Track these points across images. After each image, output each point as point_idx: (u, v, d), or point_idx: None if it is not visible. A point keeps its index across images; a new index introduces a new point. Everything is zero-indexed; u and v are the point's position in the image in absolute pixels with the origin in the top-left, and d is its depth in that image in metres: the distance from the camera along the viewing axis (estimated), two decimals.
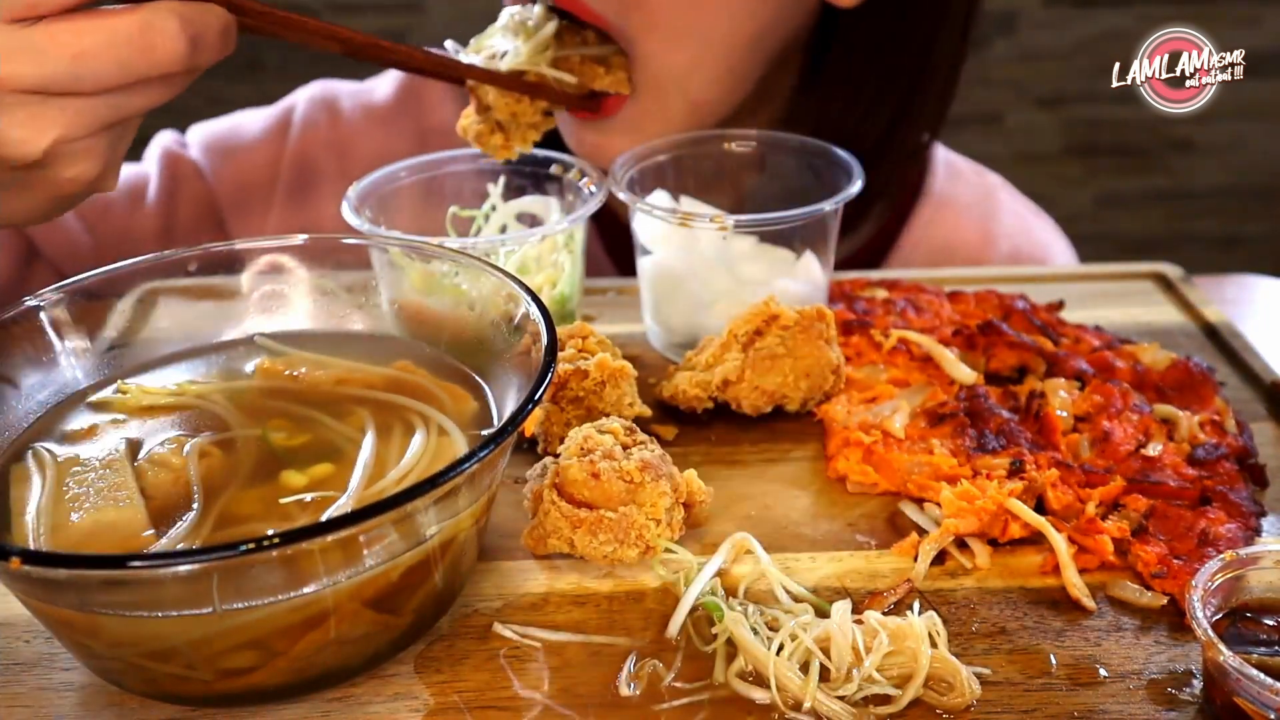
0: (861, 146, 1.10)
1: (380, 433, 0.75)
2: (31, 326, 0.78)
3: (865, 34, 1.21)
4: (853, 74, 1.23)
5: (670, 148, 1.10)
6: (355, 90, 1.39)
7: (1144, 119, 3.06)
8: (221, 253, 0.87)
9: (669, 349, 1.05)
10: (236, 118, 1.39)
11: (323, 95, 1.37)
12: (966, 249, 1.35)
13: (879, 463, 0.85)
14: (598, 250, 1.34)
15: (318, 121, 1.34)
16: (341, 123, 1.34)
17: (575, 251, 1.03)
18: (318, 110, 1.35)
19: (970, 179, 1.42)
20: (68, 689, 0.69)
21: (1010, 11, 3.13)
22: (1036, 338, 0.99)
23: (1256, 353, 1.03)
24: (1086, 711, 0.66)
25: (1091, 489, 0.82)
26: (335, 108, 1.35)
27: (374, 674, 0.69)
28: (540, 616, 0.73)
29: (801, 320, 0.91)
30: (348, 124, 1.34)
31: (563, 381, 0.85)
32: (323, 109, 1.35)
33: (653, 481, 0.74)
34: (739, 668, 0.68)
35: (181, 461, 0.72)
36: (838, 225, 1.04)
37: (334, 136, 1.34)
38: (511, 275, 0.79)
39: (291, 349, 0.85)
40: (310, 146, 1.34)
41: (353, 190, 1.02)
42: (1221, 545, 0.76)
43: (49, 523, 0.67)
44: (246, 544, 0.56)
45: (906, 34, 1.22)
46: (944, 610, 0.73)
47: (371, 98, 1.37)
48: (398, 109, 1.36)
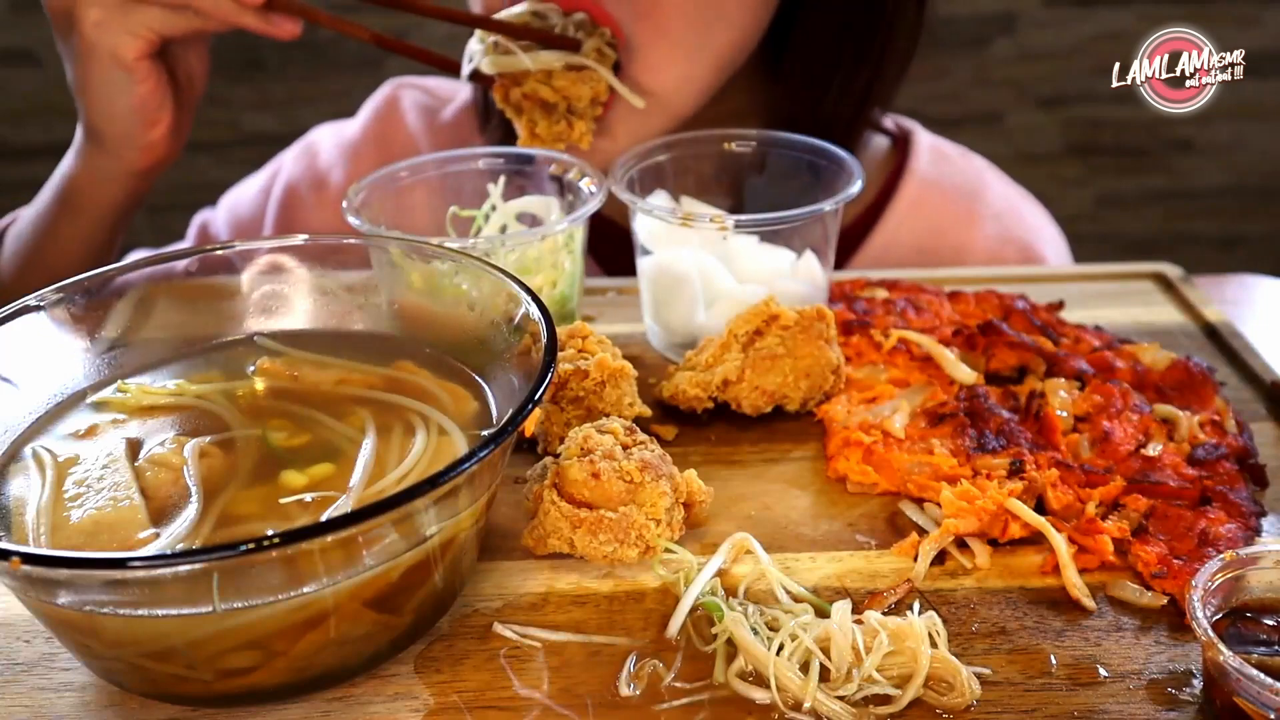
0: (836, 128, 1.10)
1: (380, 433, 0.75)
2: (32, 326, 0.78)
3: (828, 17, 1.23)
4: (822, 59, 1.25)
5: (670, 148, 1.10)
6: (335, 129, 1.49)
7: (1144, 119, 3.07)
8: (221, 253, 0.87)
9: (669, 349, 1.05)
10: (246, 180, 1.52)
11: (305, 141, 1.49)
12: (954, 229, 1.35)
13: (879, 463, 0.85)
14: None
15: (300, 164, 1.45)
16: (320, 160, 1.44)
17: (575, 252, 1.03)
18: (300, 153, 1.47)
19: (957, 161, 1.42)
20: (68, 689, 0.69)
21: (1010, 11, 3.13)
22: (1036, 338, 0.99)
23: (1256, 353, 1.03)
24: (1086, 711, 0.66)
25: (1091, 489, 0.82)
26: (315, 149, 1.46)
27: (374, 674, 0.69)
28: (540, 616, 0.73)
29: (801, 320, 0.91)
30: (325, 160, 1.44)
31: (563, 381, 0.85)
32: (304, 152, 1.47)
33: (653, 481, 0.74)
34: (739, 668, 0.68)
35: (181, 461, 0.72)
36: (838, 225, 1.04)
37: (312, 175, 1.43)
38: (511, 275, 0.79)
39: (291, 349, 0.85)
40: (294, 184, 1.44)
41: (352, 190, 1.02)
42: (1221, 545, 0.76)
43: (49, 523, 0.67)
44: (246, 544, 0.56)
45: (867, 11, 1.24)
46: (944, 610, 0.73)
47: (344, 134, 1.47)
48: (368, 140, 1.45)
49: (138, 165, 1.15)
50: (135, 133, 1.12)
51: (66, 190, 1.20)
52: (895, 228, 1.34)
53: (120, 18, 1.04)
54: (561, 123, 1.09)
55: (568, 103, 1.08)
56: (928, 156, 1.38)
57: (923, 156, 1.37)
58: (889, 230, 1.34)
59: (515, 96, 1.09)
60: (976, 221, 1.36)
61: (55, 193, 1.21)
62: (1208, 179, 3.35)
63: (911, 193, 1.35)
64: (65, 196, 1.20)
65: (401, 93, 1.47)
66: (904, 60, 1.29)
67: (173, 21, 1.05)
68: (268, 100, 3.19)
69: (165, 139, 1.13)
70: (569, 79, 1.07)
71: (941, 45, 3.09)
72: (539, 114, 1.09)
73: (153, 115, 1.11)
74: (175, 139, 1.15)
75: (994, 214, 1.37)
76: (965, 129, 2.92)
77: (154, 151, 1.14)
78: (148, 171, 1.16)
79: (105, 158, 1.15)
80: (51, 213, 1.21)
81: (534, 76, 1.07)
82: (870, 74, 1.26)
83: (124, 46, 1.05)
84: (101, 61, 1.07)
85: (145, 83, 1.08)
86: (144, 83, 1.08)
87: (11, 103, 3.21)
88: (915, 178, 1.36)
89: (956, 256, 1.33)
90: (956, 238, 1.35)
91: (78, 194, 1.19)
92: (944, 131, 1.46)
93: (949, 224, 1.35)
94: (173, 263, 0.85)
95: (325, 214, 1.40)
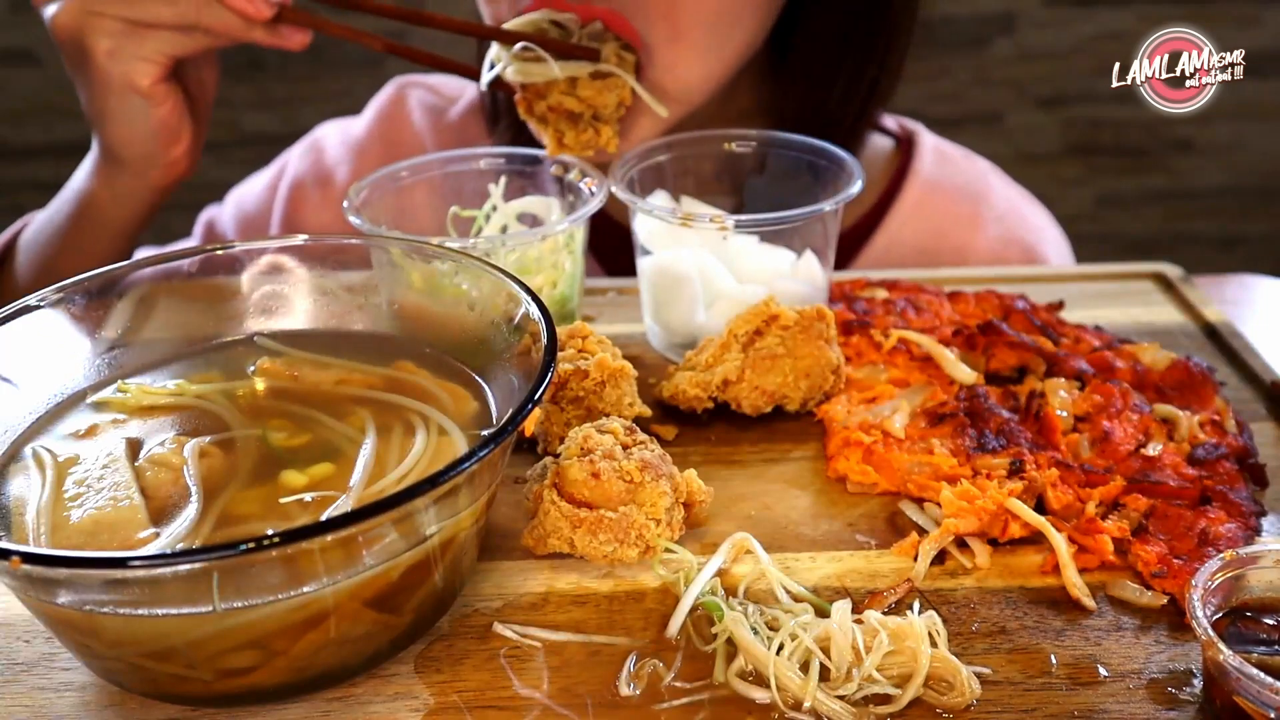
0: (840, 128, 1.10)
1: (380, 433, 0.75)
2: (31, 326, 0.78)
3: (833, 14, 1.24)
4: (826, 55, 1.26)
5: (670, 148, 1.10)
6: (341, 126, 1.49)
7: (1144, 119, 3.07)
8: (221, 253, 0.87)
9: (669, 349, 1.05)
10: (253, 176, 1.52)
11: (312, 138, 1.48)
12: (956, 231, 1.35)
13: (879, 463, 0.85)
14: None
15: (306, 161, 1.45)
16: (326, 157, 1.44)
17: (576, 252, 1.03)
18: (306, 150, 1.47)
19: (960, 163, 1.42)
20: (68, 689, 0.69)
21: (1010, 11, 3.13)
22: (1036, 338, 0.99)
23: (1256, 353, 1.03)
24: (1086, 711, 0.66)
25: (1091, 489, 0.82)
26: (321, 146, 1.46)
27: (374, 674, 0.69)
28: (540, 616, 0.73)
29: (801, 320, 0.91)
30: (331, 157, 1.44)
31: (563, 381, 0.85)
32: (310, 148, 1.47)
33: (653, 481, 0.74)
34: (739, 668, 0.68)
35: (181, 461, 0.72)
36: (838, 225, 1.04)
37: (318, 171, 1.43)
38: (511, 275, 0.79)
39: (291, 349, 0.85)
40: (299, 180, 1.44)
41: (353, 190, 1.03)
42: (1221, 545, 0.76)
43: (49, 522, 0.67)
44: (246, 544, 0.56)
45: (870, 7, 1.24)
46: (944, 610, 0.73)
47: (350, 131, 1.47)
48: (374, 138, 1.45)
49: (161, 183, 1.16)
50: (157, 153, 1.12)
51: (85, 207, 1.20)
52: (898, 229, 1.34)
53: (133, 45, 1.04)
54: (589, 130, 1.08)
55: (593, 110, 1.07)
56: (931, 158, 1.38)
57: (926, 158, 1.38)
58: (892, 231, 1.34)
59: (540, 109, 1.07)
60: (980, 224, 1.36)
61: (72, 208, 1.21)
62: (1208, 179, 3.35)
63: (915, 194, 1.35)
64: (84, 212, 1.20)
65: (408, 91, 1.48)
66: (903, 54, 1.29)
67: (184, 43, 1.05)
68: (268, 100, 3.20)
69: (187, 154, 1.15)
70: (594, 87, 1.06)
71: (941, 45, 3.09)
72: (565, 124, 1.08)
73: (173, 134, 1.12)
74: (196, 152, 1.16)
75: (997, 216, 1.37)
76: (965, 129, 2.92)
77: (176, 168, 1.15)
78: (169, 187, 1.18)
79: (126, 177, 1.16)
80: (70, 227, 1.22)
81: (558, 88, 1.05)
82: (875, 69, 1.26)
83: (139, 74, 1.06)
84: (118, 90, 1.07)
85: (163, 105, 1.09)
86: (162, 105, 1.09)
87: (11, 103, 3.21)
88: (919, 179, 1.36)
89: (959, 258, 1.33)
90: (959, 240, 1.35)
91: (97, 211, 1.19)
92: (944, 131, 1.46)
93: (952, 226, 1.35)
94: (173, 263, 0.85)
95: (331, 211, 1.40)
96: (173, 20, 1.03)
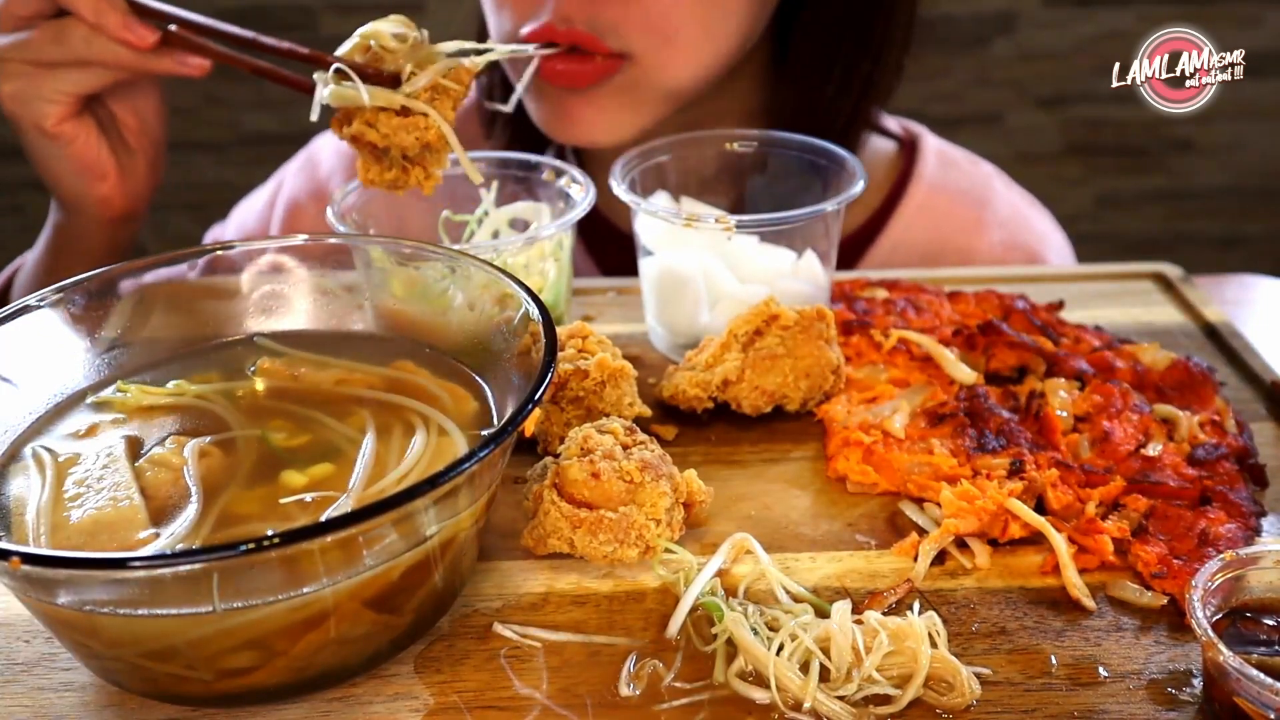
0: (836, 123, 1.10)
1: (380, 433, 0.75)
2: (31, 326, 0.78)
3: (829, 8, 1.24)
4: (822, 49, 1.25)
5: (671, 148, 1.10)
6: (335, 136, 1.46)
7: (1144, 119, 3.06)
8: (221, 253, 0.87)
9: (672, 350, 1.05)
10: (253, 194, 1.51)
11: (307, 153, 1.47)
12: (959, 235, 1.35)
13: (879, 463, 0.85)
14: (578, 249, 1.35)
15: (301, 174, 1.45)
16: (321, 171, 1.43)
17: (564, 259, 1.02)
18: (301, 165, 1.46)
19: (964, 167, 1.42)
20: (68, 689, 0.69)
21: (1010, 11, 3.13)
22: (1036, 338, 0.99)
23: (1256, 353, 1.03)
24: (1086, 711, 0.66)
25: (1091, 489, 0.82)
26: (316, 159, 1.45)
27: (374, 674, 0.69)
28: (540, 616, 0.73)
29: (801, 320, 0.91)
30: (326, 169, 1.43)
31: (563, 381, 0.85)
32: (305, 163, 1.45)
33: (653, 481, 0.74)
34: (739, 668, 0.68)
35: (181, 461, 0.72)
36: (839, 225, 1.03)
37: (314, 186, 1.42)
38: (512, 276, 0.79)
39: (291, 349, 0.85)
40: (296, 197, 1.43)
41: (339, 193, 1.02)
42: (1221, 545, 0.76)
43: (49, 522, 0.67)
44: (246, 544, 0.56)
45: (865, 7, 1.24)
46: (944, 610, 0.73)
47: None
48: None
49: (102, 217, 1.13)
50: (83, 190, 1.10)
51: (58, 241, 1.20)
52: (902, 232, 1.34)
53: (33, 87, 1.02)
54: (394, 169, 0.97)
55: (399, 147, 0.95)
56: (935, 162, 1.38)
57: (930, 161, 1.38)
58: (896, 235, 1.34)
59: (345, 135, 0.96)
60: (983, 228, 1.36)
61: (49, 242, 1.21)
62: (1208, 179, 3.34)
63: (918, 198, 1.35)
64: (59, 246, 1.20)
65: None
66: (901, 51, 1.29)
67: (83, 79, 1.02)
68: (268, 100, 3.19)
69: (118, 190, 1.11)
70: (392, 124, 0.93)
71: (941, 45, 3.09)
72: (369, 156, 0.97)
73: (95, 172, 1.08)
74: (132, 186, 1.12)
75: (1000, 221, 1.37)
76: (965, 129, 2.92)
77: (110, 204, 1.11)
78: (117, 220, 1.14)
79: (72, 214, 1.15)
80: (50, 261, 1.22)
81: (361, 117, 0.94)
82: (870, 65, 1.26)
83: (41, 115, 1.04)
84: (29, 131, 1.06)
85: (73, 144, 1.06)
86: (71, 144, 1.06)
87: None
88: (922, 183, 1.36)
89: (963, 263, 1.32)
90: (963, 244, 1.35)
91: (68, 244, 1.19)
92: (944, 131, 1.46)
93: (955, 230, 1.35)
94: (173, 263, 0.85)
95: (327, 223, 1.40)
96: (64, 58, 1.00)
